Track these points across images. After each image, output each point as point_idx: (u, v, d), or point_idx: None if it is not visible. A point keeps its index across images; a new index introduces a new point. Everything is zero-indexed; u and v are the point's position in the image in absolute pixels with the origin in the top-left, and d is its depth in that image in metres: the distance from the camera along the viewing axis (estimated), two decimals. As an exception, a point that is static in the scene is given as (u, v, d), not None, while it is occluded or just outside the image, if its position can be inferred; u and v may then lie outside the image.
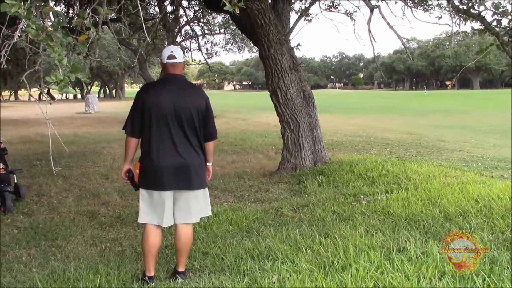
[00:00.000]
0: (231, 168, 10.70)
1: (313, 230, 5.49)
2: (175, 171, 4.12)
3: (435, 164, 9.67)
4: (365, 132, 18.07)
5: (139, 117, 4.12)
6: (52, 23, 2.91)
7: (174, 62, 4.23)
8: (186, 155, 4.17)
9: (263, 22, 8.91)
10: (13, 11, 2.53)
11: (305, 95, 9.55)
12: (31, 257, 5.31)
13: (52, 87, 2.78)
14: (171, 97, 4.11)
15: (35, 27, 2.69)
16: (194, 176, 4.21)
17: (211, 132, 4.38)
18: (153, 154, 4.12)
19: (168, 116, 4.07)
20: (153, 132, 4.10)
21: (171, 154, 4.12)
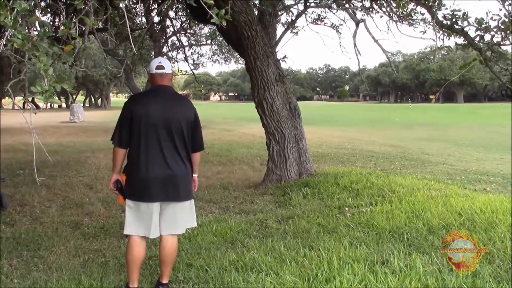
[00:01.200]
0: (216, 179, 10.67)
1: (297, 242, 5.50)
2: (163, 182, 4.10)
3: (419, 177, 9.75)
4: (350, 145, 18.15)
5: (127, 128, 4.09)
6: (38, 33, 2.90)
7: (163, 72, 4.21)
8: (175, 166, 4.14)
9: (250, 34, 8.95)
10: (0, 21, 2.53)
11: (291, 107, 9.59)
12: (13, 267, 5.23)
13: (38, 97, 2.77)
14: (161, 108, 4.10)
15: (21, 36, 2.68)
16: (182, 187, 4.20)
17: (199, 143, 4.38)
18: (141, 165, 4.08)
19: (157, 126, 4.06)
20: (141, 143, 4.08)
21: (160, 165, 4.09)
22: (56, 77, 2.81)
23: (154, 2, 11.57)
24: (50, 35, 2.98)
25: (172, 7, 15.49)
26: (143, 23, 17.94)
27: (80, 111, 38.78)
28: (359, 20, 7.44)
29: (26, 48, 2.77)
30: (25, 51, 2.79)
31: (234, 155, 14.94)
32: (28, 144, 17.61)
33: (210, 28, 24.91)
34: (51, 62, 2.96)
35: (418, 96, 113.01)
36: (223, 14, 3.32)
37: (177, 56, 31.59)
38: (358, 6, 10.90)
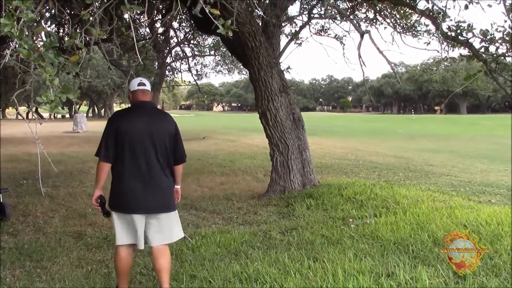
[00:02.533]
0: (219, 189, 10.65)
1: (301, 253, 5.47)
2: (148, 195, 4.27)
3: (423, 188, 9.71)
4: (354, 155, 18.12)
5: (113, 143, 4.24)
6: (44, 43, 2.91)
7: (144, 89, 4.47)
8: (159, 179, 4.33)
9: (254, 45, 8.97)
10: (6, 31, 2.52)
11: (295, 118, 9.59)
12: (16, 278, 5.22)
13: (43, 107, 2.77)
14: (145, 123, 4.29)
15: (27, 46, 2.68)
16: (166, 199, 4.41)
17: (181, 156, 4.60)
18: (126, 178, 4.27)
19: (142, 141, 4.24)
20: (126, 157, 4.24)
21: (145, 178, 4.27)
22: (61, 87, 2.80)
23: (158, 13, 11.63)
24: (56, 45, 2.98)
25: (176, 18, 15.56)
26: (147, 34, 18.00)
27: (83, 121, 38.84)
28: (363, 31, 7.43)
29: (32, 59, 2.78)
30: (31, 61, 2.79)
31: (237, 165, 14.91)
32: (31, 154, 17.64)
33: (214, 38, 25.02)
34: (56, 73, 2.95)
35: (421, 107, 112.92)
36: (229, 24, 3.32)
37: (180, 66, 31.67)
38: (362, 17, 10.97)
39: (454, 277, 4.32)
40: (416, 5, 7.38)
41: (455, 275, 4.38)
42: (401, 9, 9.96)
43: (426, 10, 7.24)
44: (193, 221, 7.87)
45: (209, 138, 28.39)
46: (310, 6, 11.90)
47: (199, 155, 18.42)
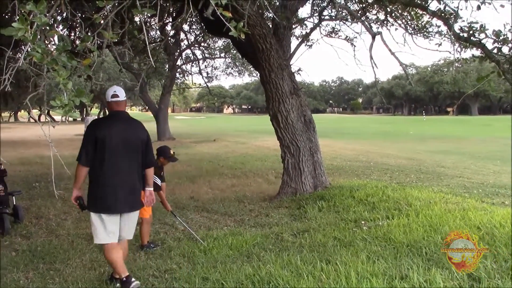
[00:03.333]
0: (230, 192, 10.66)
1: (314, 255, 5.45)
2: (125, 195, 4.75)
3: (436, 190, 9.64)
4: (365, 157, 18.05)
5: (92, 149, 4.63)
6: (57, 47, 2.92)
7: (118, 100, 4.83)
8: (133, 181, 4.85)
9: (264, 47, 8.97)
10: (20, 35, 2.54)
11: (306, 120, 9.57)
12: (29, 280, 5.25)
13: (57, 111, 2.78)
14: (121, 131, 4.74)
15: (40, 50, 2.69)
16: (139, 199, 4.97)
17: (151, 160, 5.13)
18: (106, 182, 4.69)
19: (118, 147, 4.68)
20: (105, 161, 4.65)
21: (121, 180, 4.74)
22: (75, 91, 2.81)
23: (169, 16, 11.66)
24: (69, 48, 2.99)
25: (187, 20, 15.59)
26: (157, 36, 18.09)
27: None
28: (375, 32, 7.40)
29: (45, 62, 2.78)
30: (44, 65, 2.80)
31: (248, 168, 14.91)
32: (44, 157, 17.74)
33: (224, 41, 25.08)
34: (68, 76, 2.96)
35: (432, 109, 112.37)
36: (241, 26, 3.31)
37: (191, 69, 31.80)
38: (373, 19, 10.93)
39: (469, 280, 4.29)
40: (427, 6, 7.34)
41: (470, 278, 4.34)
42: (412, 10, 9.92)
43: (438, 11, 7.21)
44: (204, 223, 7.88)
45: (220, 140, 28.41)
46: (320, 8, 11.88)
47: (210, 157, 18.45)
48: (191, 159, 17.48)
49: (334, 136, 31.14)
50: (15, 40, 2.91)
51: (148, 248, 6.32)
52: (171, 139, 29.56)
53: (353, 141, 28.82)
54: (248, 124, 55.40)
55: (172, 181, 11.42)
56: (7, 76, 3.14)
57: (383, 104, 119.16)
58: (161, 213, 8.03)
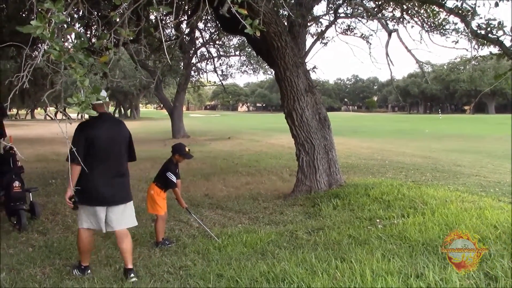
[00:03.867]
0: (245, 189, 10.67)
1: (328, 253, 5.44)
2: (113, 189, 5.14)
3: (452, 188, 9.57)
4: (380, 156, 17.96)
5: (82, 149, 4.92)
6: (74, 44, 2.94)
7: (100, 103, 5.09)
8: (122, 176, 5.25)
9: (280, 44, 8.96)
10: (38, 33, 2.56)
11: (321, 118, 9.55)
12: (46, 276, 5.30)
13: (74, 108, 2.80)
14: (108, 130, 5.15)
15: (58, 48, 2.71)
16: (127, 191, 5.34)
17: (134, 155, 5.61)
18: (96, 177, 5.03)
19: (107, 145, 5.09)
20: (95, 159, 5.00)
21: (111, 176, 5.14)
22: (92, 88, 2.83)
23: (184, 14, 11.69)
24: (86, 46, 3.01)
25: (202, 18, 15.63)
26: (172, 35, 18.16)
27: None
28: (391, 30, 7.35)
29: (63, 60, 2.81)
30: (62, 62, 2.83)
31: (263, 165, 14.91)
32: (60, 154, 17.90)
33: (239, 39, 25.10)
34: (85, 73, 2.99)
35: (448, 107, 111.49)
36: (256, 24, 3.31)
37: (206, 67, 31.84)
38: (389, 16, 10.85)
39: (485, 279, 4.25)
40: (444, 3, 7.27)
41: (486, 277, 4.30)
42: (428, 7, 9.84)
43: (455, 8, 7.14)
44: (219, 221, 7.90)
45: (234, 138, 28.45)
46: (336, 5, 11.82)
47: (225, 155, 18.49)
48: (205, 157, 17.53)
49: (349, 134, 31.04)
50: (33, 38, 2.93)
51: (163, 245, 6.35)
52: (185, 136, 29.66)
53: (368, 139, 28.70)
54: (262, 122, 55.41)
55: (186, 178, 11.46)
56: (25, 73, 3.17)
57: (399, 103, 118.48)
58: (176, 210, 8.07)
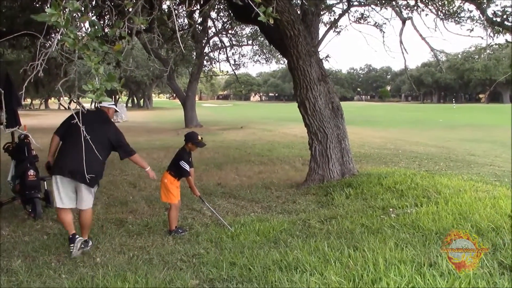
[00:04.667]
0: (258, 178, 10.69)
1: (341, 242, 5.44)
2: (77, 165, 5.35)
3: (465, 178, 9.51)
4: (393, 145, 17.89)
5: (64, 128, 5.86)
6: (89, 32, 2.95)
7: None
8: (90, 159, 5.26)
9: (292, 33, 8.92)
10: (53, 21, 2.57)
11: (334, 107, 9.51)
12: (60, 263, 5.36)
13: (89, 95, 2.81)
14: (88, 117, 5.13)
15: (72, 36, 2.72)
16: (91, 176, 5.46)
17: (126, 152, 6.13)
18: (65, 152, 5.76)
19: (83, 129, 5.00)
20: (70, 137, 5.72)
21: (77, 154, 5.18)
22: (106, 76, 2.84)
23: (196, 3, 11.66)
24: (100, 34, 3.02)
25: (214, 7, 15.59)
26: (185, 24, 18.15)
27: (123, 111, 39.47)
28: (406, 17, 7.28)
29: (77, 47, 2.82)
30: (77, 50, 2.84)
31: (275, 155, 14.92)
32: (74, 143, 17.98)
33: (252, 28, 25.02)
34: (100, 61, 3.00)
35: (462, 97, 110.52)
36: (270, 11, 3.30)
37: (218, 56, 31.82)
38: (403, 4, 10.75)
39: (499, 268, 4.23)
40: (459, -10, 7.20)
41: (500, 266, 4.29)
42: (443, -6, 9.73)
43: (470, -5, 7.06)
44: (232, 210, 7.93)
45: (247, 127, 28.45)
46: (349, -6, 11.72)
47: (237, 144, 18.51)
48: (218, 146, 17.56)
49: (361, 124, 30.90)
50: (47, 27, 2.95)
51: (176, 233, 6.39)
52: (198, 126, 29.73)
53: (381, 128, 28.56)
54: (275, 112, 55.34)
55: (199, 167, 11.50)
56: (39, 62, 3.18)
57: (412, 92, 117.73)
58: (189, 199, 8.11)
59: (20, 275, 4.86)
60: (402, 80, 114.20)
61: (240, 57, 32.57)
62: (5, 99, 7.38)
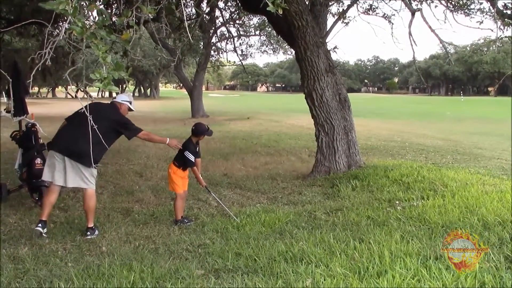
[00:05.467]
0: (264, 169, 10.68)
1: (347, 234, 5.44)
2: (70, 145, 5.86)
3: (473, 171, 9.46)
4: (400, 137, 17.84)
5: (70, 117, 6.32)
6: (97, 21, 2.93)
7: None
8: (82, 142, 5.42)
9: (300, 24, 8.87)
10: (61, 9, 2.56)
11: (341, 98, 9.47)
12: (67, 251, 5.37)
13: (97, 84, 2.81)
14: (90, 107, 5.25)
15: (80, 24, 2.71)
16: (82, 156, 5.75)
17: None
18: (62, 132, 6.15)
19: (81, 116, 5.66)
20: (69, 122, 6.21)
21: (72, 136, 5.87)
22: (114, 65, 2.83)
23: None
24: (108, 23, 3.01)
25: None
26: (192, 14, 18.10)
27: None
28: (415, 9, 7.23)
29: (85, 36, 2.81)
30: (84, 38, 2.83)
31: (281, 146, 14.90)
32: (81, 132, 18.02)
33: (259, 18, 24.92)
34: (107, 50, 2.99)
35: (470, 89, 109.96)
36: (278, 1, 3.27)
37: (226, 46, 31.73)
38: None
39: (506, 262, 4.22)
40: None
41: (507, 260, 4.27)
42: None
43: (481, -13, 6.99)
44: (237, 200, 7.94)
45: (253, 118, 28.43)
46: (358, -15, 11.64)
47: (244, 135, 18.50)
48: (224, 137, 17.57)
49: (369, 116, 30.82)
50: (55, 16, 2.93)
51: (182, 223, 6.40)
52: (205, 116, 29.74)
53: (388, 121, 28.49)
54: (282, 103, 55.26)
55: (205, 158, 11.50)
56: (47, 50, 3.18)
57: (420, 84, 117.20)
58: (195, 189, 8.11)
59: (26, 263, 4.88)
60: (409, 72, 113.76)
61: (247, 48, 32.53)
62: (13, 88, 7.40)
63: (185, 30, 9.50)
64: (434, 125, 25.89)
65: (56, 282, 4.33)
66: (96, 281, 4.31)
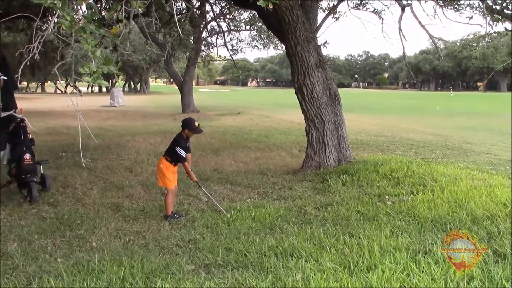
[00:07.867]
0: (254, 164, 10.68)
1: (337, 229, 5.46)
2: None
3: (462, 166, 9.52)
4: (390, 132, 17.88)
5: None
6: (86, 15, 2.91)
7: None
8: None
9: (291, 19, 8.87)
10: (49, 3, 2.54)
11: (331, 93, 9.48)
12: (56, 247, 5.37)
13: (85, 78, 2.79)
14: None
15: (69, 18, 2.69)
16: None
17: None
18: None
19: None
20: None
21: None
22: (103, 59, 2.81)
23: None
24: (97, 17, 2.99)
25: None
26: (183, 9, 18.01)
27: (120, 95, 39.42)
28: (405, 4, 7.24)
29: (74, 30, 2.79)
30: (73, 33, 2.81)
31: (272, 141, 14.90)
32: (70, 127, 17.97)
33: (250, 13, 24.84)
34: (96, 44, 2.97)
35: (460, 84, 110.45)
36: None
37: (216, 41, 31.67)
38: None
39: (494, 256, 4.26)
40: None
41: (495, 254, 4.31)
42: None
43: (470, -17, 7.01)
44: (228, 195, 7.94)
45: (244, 113, 28.40)
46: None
47: (234, 130, 18.48)
48: (215, 132, 17.54)
49: (359, 111, 30.85)
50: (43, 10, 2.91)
51: (172, 219, 6.40)
52: (195, 111, 29.65)
53: (378, 116, 28.54)
54: (272, 98, 55.20)
55: (196, 153, 11.48)
56: (35, 44, 3.15)
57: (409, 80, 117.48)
58: (185, 184, 8.10)
59: (16, 259, 4.86)
60: (399, 67, 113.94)
61: (237, 42, 32.39)
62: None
63: (175, 25, 9.48)
64: (423, 120, 25.96)
65: (45, 278, 4.33)
66: (86, 277, 4.31)
